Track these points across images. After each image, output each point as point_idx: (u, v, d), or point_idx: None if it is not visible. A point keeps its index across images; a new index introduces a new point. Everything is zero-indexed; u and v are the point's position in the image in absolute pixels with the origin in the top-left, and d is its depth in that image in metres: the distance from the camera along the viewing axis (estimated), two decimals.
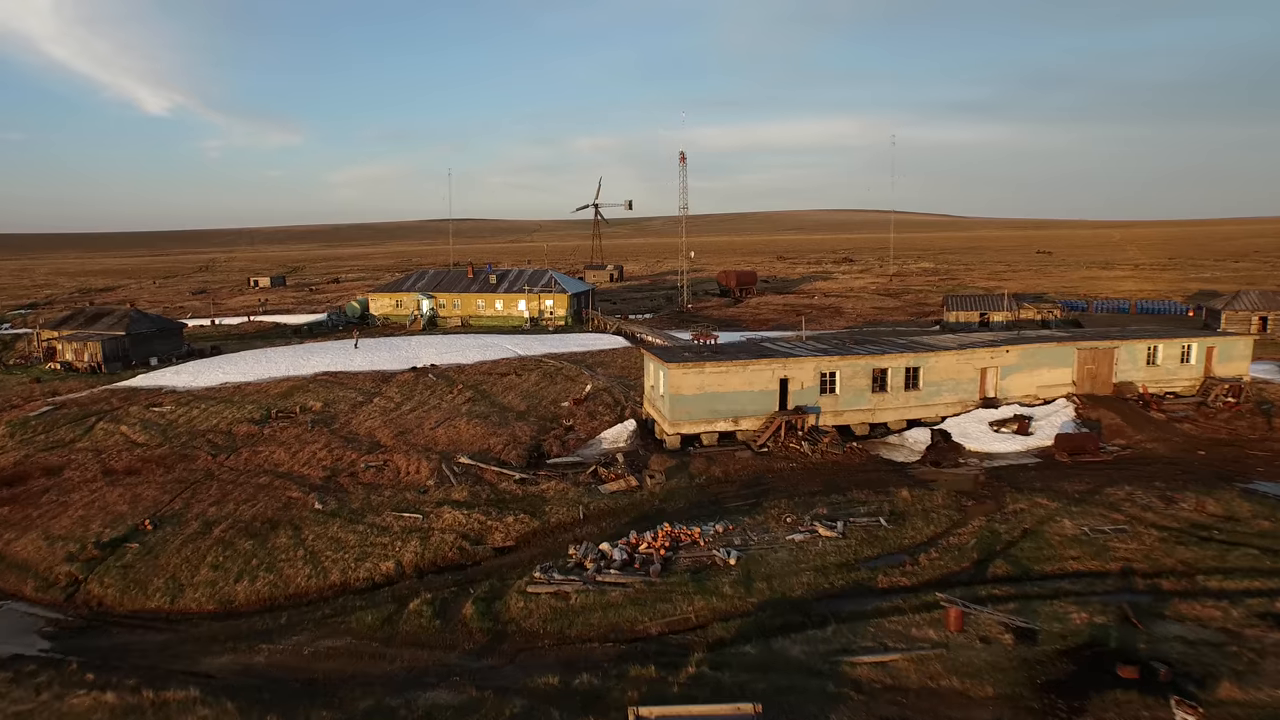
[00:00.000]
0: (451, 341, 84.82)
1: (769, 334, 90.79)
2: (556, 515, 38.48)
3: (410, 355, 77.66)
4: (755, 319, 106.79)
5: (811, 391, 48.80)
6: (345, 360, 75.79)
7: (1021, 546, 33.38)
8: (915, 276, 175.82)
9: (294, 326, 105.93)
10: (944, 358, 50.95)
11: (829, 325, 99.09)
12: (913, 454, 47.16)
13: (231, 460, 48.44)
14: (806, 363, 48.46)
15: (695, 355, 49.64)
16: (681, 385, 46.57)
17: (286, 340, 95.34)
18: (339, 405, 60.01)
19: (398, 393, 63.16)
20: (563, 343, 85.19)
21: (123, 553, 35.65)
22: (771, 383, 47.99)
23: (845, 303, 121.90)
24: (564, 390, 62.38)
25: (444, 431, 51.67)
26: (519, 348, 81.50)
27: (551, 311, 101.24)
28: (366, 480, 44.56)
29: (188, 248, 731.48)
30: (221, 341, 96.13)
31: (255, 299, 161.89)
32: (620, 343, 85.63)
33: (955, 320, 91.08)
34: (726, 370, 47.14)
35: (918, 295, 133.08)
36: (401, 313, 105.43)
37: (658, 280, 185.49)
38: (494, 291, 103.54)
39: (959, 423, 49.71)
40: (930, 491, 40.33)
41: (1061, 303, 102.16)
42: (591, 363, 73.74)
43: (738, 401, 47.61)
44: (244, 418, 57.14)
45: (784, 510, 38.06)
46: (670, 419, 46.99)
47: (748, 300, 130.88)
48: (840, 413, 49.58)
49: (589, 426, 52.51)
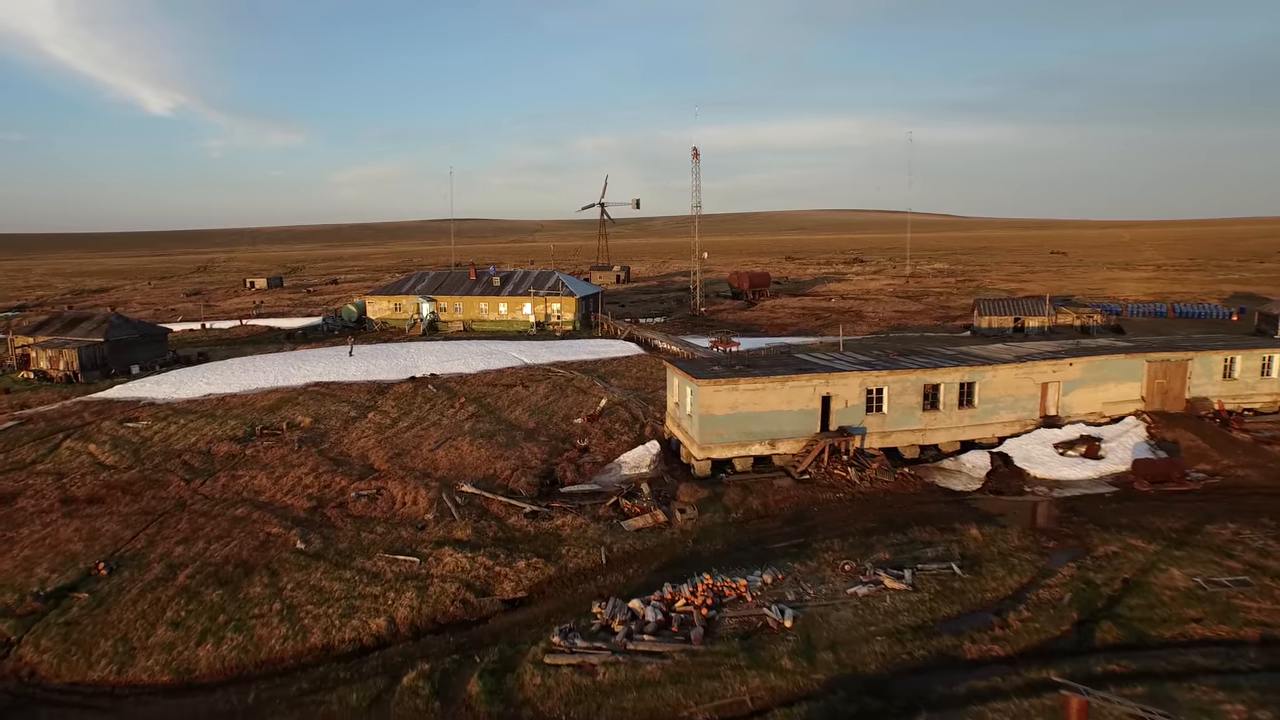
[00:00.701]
0: (453, 348, 79.68)
1: (790, 340, 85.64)
2: (575, 559, 33.29)
3: (409, 363, 72.50)
4: (772, 323, 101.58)
5: (856, 410, 43.63)
6: (339, 369, 70.68)
7: (1128, 604, 28.16)
8: (931, 278, 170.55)
9: (287, 331, 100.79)
10: (1001, 372, 45.77)
11: (851, 330, 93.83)
12: (972, 481, 41.96)
13: (207, 486, 43.28)
14: (851, 378, 43.28)
15: (726, 370, 44.47)
16: (712, 404, 41.41)
17: (279, 346, 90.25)
18: (330, 421, 54.87)
19: (394, 406, 58.01)
20: (571, 350, 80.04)
21: (68, 605, 30.46)
22: (812, 401, 42.83)
23: (865, 306, 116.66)
24: (576, 404, 57.20)
25: (445, 453, 46.49)
26: (525, 355, 76.34)
27: (558, 316, 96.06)
28: (357, 512, 39.38)
29: (189, 248, 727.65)
30: (210, 347, 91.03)
31: (250, 301, 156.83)
32: (633, 350, 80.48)
33: (987, 325, 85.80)
34: (762, 387, 41.98)
35: (938, 298, 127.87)
36: (400, 316, 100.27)
37: (666, 281, 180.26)
38: (497, 294, 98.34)
39: (1020, 445, 44.51)
40: (1003, 529, 35.16)
41: (1099, 306, 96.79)
42: (604, 372, 68.56)
43: (775, 422, 42.45)
44: (225, 435, 52.05)
45: (839, 553, 32.89)
46: (699, 442, 41.82)
47: (761, 303, 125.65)
48: (888, 434, 44.40)
49: (606, 448, 47.32)
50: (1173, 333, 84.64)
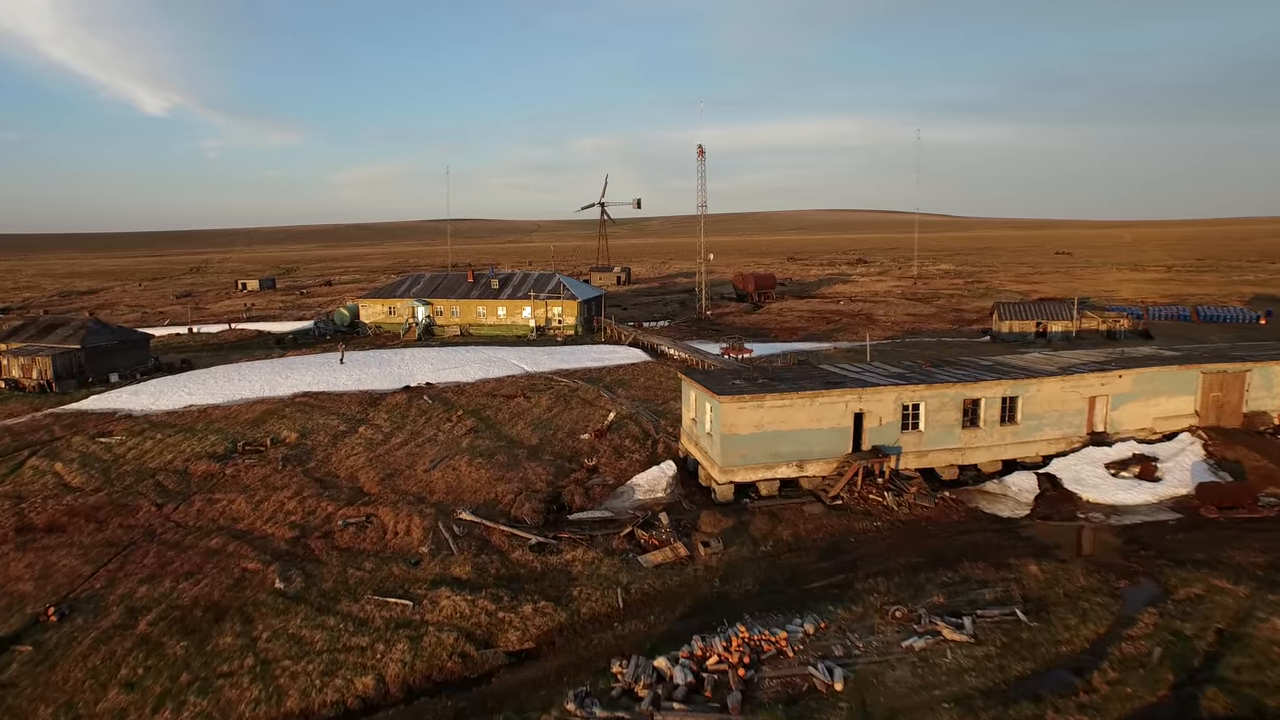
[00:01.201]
0: (449, 355, 75.87)
1: (802, 345, 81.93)
2: (588, 602, 29.51)
3: (403, 372, 68.67)
4: (782, 327, 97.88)
5: (891, 428, 39.92)
6: (329, 378, 66.83)
7: (1231, 663, 24.45)
8: (938, 279, 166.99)
9: (277, 336, 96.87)
10: (1047, 385, 42.10)
11: (864, 335, 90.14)
12: (1019, 506, 38.26)
13: (181, 512, 39.43)
14: (885, 393, 39.57)
15: (748, 384, 40.73)
16: (736, 423, 37.67)
17: (267, 352, 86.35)
18: (318, 436, 51.04)
19: (387, 420, 54.20)
20: (574, 356, 76.26)
21: (7, 662, 26.63)
22: (844, 418, 39.12)
23: (875, 309, 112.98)
24: (582, 418, 53.44)
25: (441, 475, 42.67)
26: (526, 363, 72.56)
27: (560, 320, 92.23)
28: (344, 544, 35.58)
29: (185, 248, 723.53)
30: (195, 353, 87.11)
31: (241, 303, 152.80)
32: (639, 356, 76.71)
33: (1008, 330, 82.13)
34: (791, 404, 38.25)
35: (949, 300, 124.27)
36: (395, 321, 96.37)
37: (668, 283, 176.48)
38: (496, 298, 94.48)
39: (1068, 465, 40.82)
40: (1064, 565, 31.45)
41: (1124, 310, 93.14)
42: (610, 382, 64.78)
43: (803, 442, 38.73)
44: (205, 452, 48.21)
45: (886, 595, 29.17)
46: (721, 464, 38.07)
47: (768, 305, 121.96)
48: (924, 453, 40.70)
49: (616, 468, 43.54)
50: (1203, 338, 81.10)
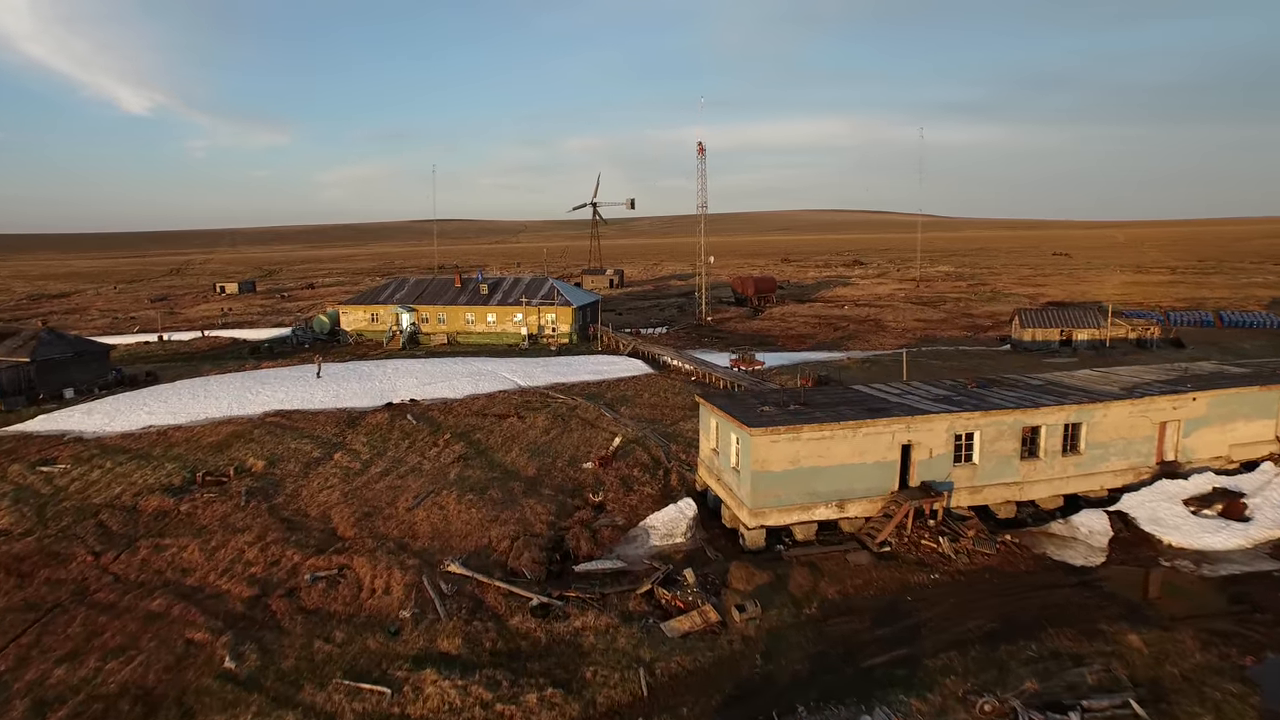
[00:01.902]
0: (436, 367, 70.40)
1: (812, 355, 76.91)
2: (605, 688, 24.26)
3: (385, 386, 63.20)
4: (787, 334, 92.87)
5: (942, 461, 34.90)
6: (305, 393, 61.30)
7: None
8: (940, 281, 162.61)
9: (252, 344, 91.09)
10: (1114, 410, 37.17)
11: (875, 343, 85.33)
12: (1091, 552, 33.28)
13: (122, 562, 33.92)
14: (937, 422, 34.53)
15: (779, 411, 35.58)
16: (769, 459, 32.53)
17: (240, 363, 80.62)
18: (288, 464, 45.55)
19: (366, 444, 48.78)
20: (570, 368, 70.96)
21: None
22: (890, 451, 34.07)
23: (882, 314, 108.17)
24: (583, 441, 48.17)
25: (426, 514, 37.31)
26: (519, 375, 67.20)
27: (553, 327, 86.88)
28: (311, 604, 30.19)
29: (169, 248, 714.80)
30: (162, 364, 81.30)
31: (219, 308, 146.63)
32: (639, 368, 71.46)
33: (1030, 339, 77.38)
34: (830, 436, 33.13)
35: (957, 304, 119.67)
36: (377, 328, 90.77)
37: (661, 286, 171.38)
38: (485, 304, 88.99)
39: (1141, 502, 35.89)
40: (1168, 634, 26.48)
41: (1149, 316, 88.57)
42: (610, 398, 59.51)
43: (844, 478, 33.64)
44: (159, 483, 42.69)
45: (964, 678, 24.08)
46: (752, 505, 32.92)
47: (769, 310, 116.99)
48: (979, 489, 35.71)
49: (626, 504, 38.30)
50: (1235, 345, 76.76)
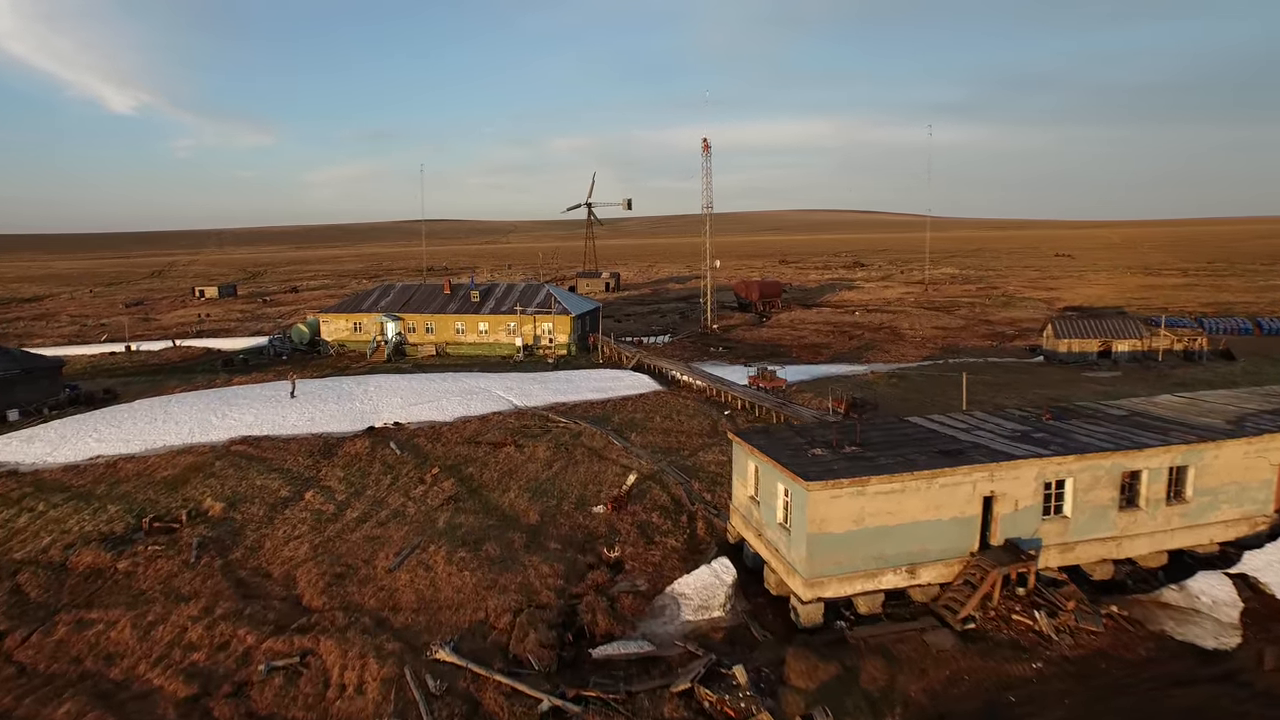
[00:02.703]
0: (423, 384, 64.21)
1: (831, 368, 71.09)
2: None
3: (366, 408, 57.04)
4: (800, 344, 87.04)
5: (1029, 515, 29.11)
6: (277, 415, 55.15)
7: None
8: (948, 285, 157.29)
9: (226, 356, 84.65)
10: (1226, 450, 31.46)
11: (897, 354, 79.62)
12: (1221, 629, 27.48)
13: (33, 645, 27.75)
14: (1025, 469, 28.71)
15: (833, 455, 29.67)
16: (829, 517, 26.65)
17: (210, 377, 74.22)
18: (251, 506, 39.39)
19: (342, 480, 42.66)
20: (570, 384, 64.92)
21: None
22: (970, 504, 28.24)
23: (897, 321, 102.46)
24: (592, 477, 42.16)
25: (410, 578, 31.23)
26: (514, 394, 61.12)
27: (550, 338, 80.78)
28: (264, 706, 24.11)
29: (154, 249, 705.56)
30: (127, 378, 74.86)
31: (196, 313, 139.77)
32: (647, 384, 65.45)
33: (1067, 350, 71.75)
34: (902, 488, 27.28)
35: (972, 310, 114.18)
36: (361, 338, 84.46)
37: (659, 289, 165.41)
38: (477, 312, 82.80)
39: (1269, 562, 30.16)
40: None
41: (1183, 322, 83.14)
42: (618, 422, 53.51)
43: (917, 538, 27.81)
44: (97, 532, 36.54)
45: None
46: (807, 574, 27.02)
47: (776, 316, 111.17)
48: (1070, 546, 29.94)
49: (648, 561, 32.33)
50: None
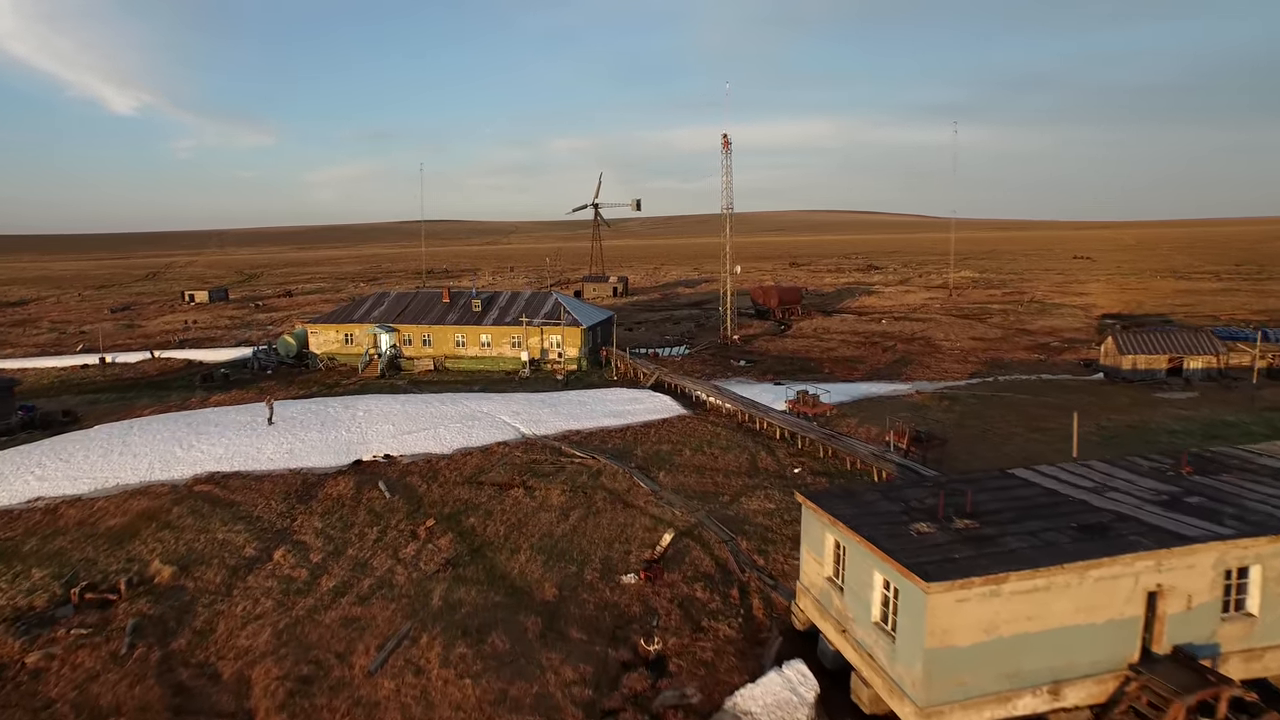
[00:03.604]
0: (418, 407, 57.31)
1: (873, 388, 64.15)
2: None
3: (353, 437, 50.22)
4: (829, 356, 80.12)
5: (1205, 613, 22.28)
6: (251, 446, 48.37)
7: None
8: (971, 290, 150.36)
9: (206, 370, 77.88)
10: None
11: (939, 370, 72.70)
12: None
13: None
14: (1200, 555, 21.87)
15: (945, 532, 22.77)
16: (953, 626, 19.84)
17: (186, 395, 67.40)
18: (207, 571, 32.55)
19: (320, 534, 35.82)
20: (583, 407, 58.03)
21: None
22: (1130, 603, 21.42)
23: (929, 331, 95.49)
24: (617, 531, 35.27)
25: (395, 687, 24.33)
26: (521, 420, 54.26)
27: (559, 351, 73.91)
28: None
29: (155, 249, 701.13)
30: (95, 396, 68.04)
31: (183, 319, 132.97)
32: (668, 406, 58.51)
33: (1131, 367, 64.73)
34: (1047, 585, 20.46)
35: (1005, 319, 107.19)
36: (352, 351, 77.64)
37: (669, 294, 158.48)
38: (479, 323, 75.93)
39: None
40: None
41: (1243, 335, 76.12)
42: (642, 456, 46.58)
43: (1061, 649, 20.98)
44: (13, 606, 29.91)
45: None
46: (924, 699, 20.18)
47: (797, 324, 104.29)
48: (1256, 653, 23.09)
49: (698, 659, 25.43)
50: None
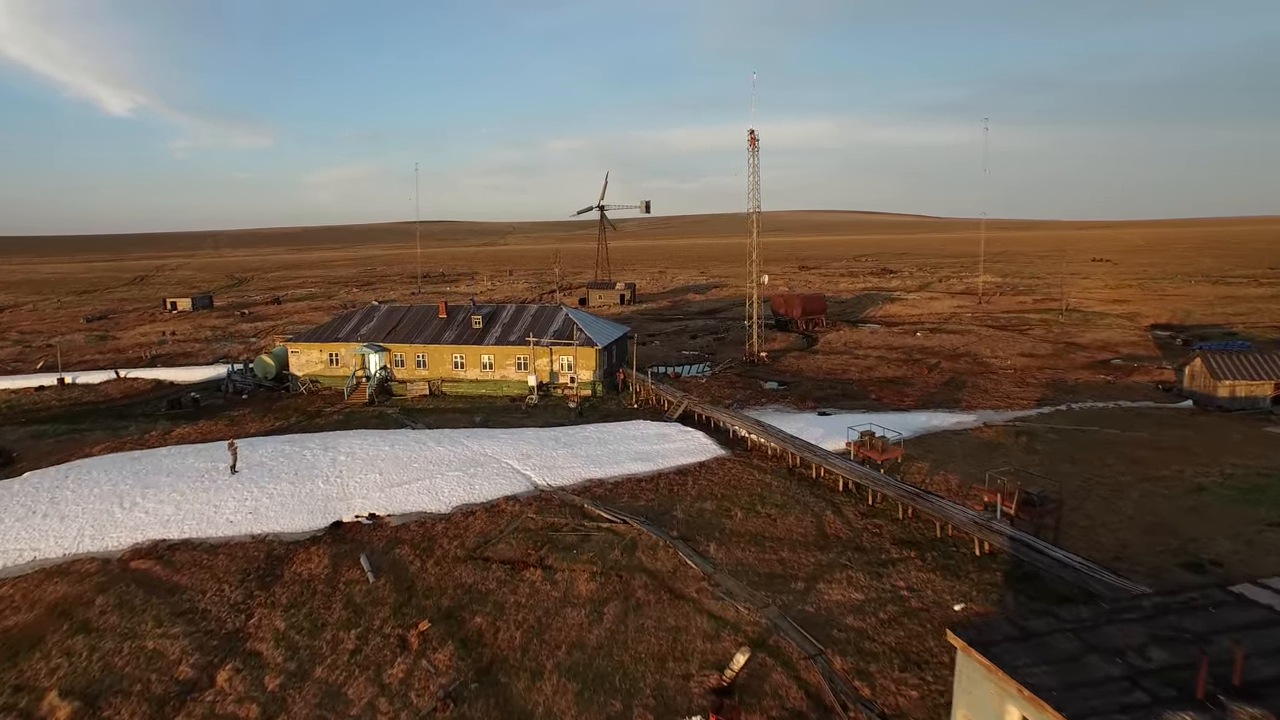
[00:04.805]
0: (411, 450, 48.85)
1: (934, 418, 55.87)
2: None
3: (332, 489, 41.94)
4: (869, 376, 71.91)
5: None
6: (209, 502, 40.15)
7: None
8: (1000, 296, 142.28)
9: (175, 393, 69.55)
10: None
11: (999, 395, 64.47)
12: None
13: None
14: None
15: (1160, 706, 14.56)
16: None
17: (148, 426, 59.06)
18: (123, 705, 24.26)
19: (280, 642, 27.55)
20: (604, 447, 49.70)
21: None
22: None
23: (971, 344, 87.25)
24: (668, 642, 26.98)
25: None
26: (532, 465, 45.96)
27: (571, 375, 65.63)
28: None
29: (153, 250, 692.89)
30: (42, 428, 59.64)
31: (161, 330, 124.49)
32: (702, 445, 50.13)
33: (1228, 395, 56.51)
34: None
35: (1048, 330, 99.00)
36: (338, 373, 69.34)
37: (678, 302, 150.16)
38: (480, 342, 67.63)
39: None
40: None
41: None
42: (684, 518, 38.19)
43: None
44: None
45: None
46: None
47: (823, 336, 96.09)
48: None
49: None
50: None
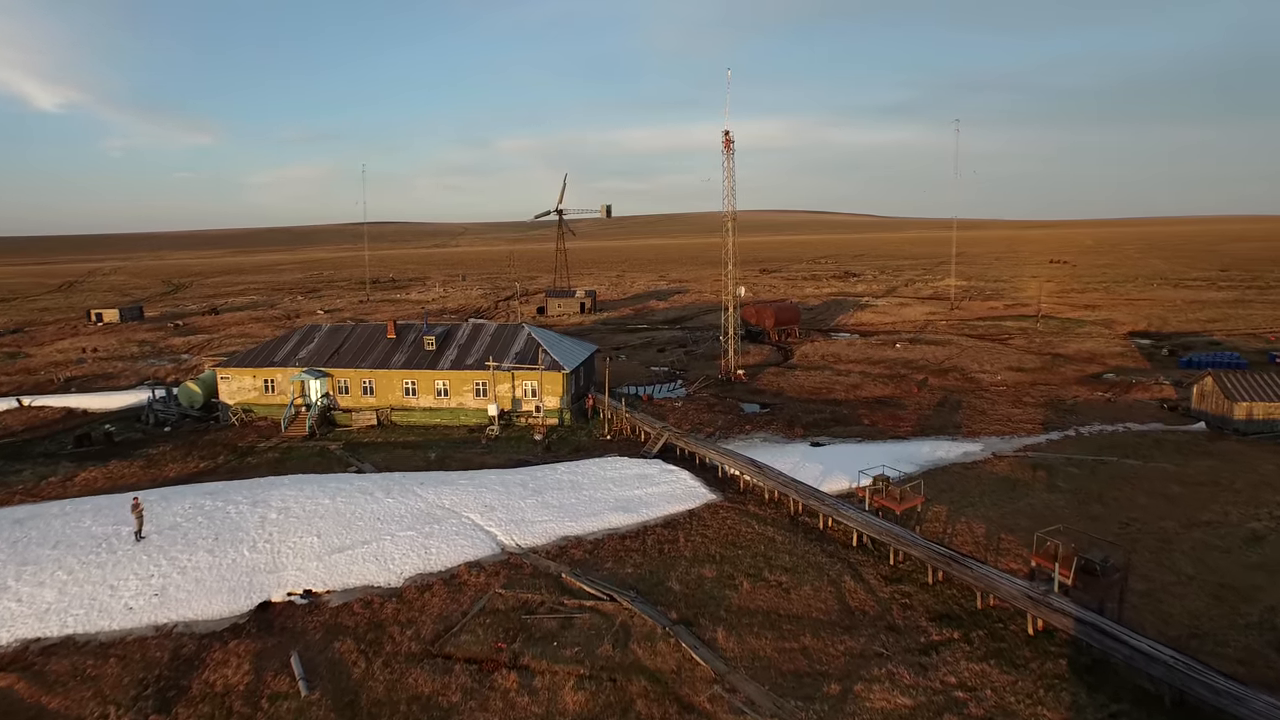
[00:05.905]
0: (357, 504, 42.07)
1: (937, 447, 50.92)
2: None
3: (260, 559, 35.21)
4: (855, 395, 66.84)
5: None
6: (105, 582, 33.27)
7: None
8: (970, 301, 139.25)
9: (87, 425, 61.59)
10: None
11: (998, 418, 59.87)
12: None
13: None
14: None
15: None
16: None
17: (46, 470, 51.29)
18: None
19: None
20: (579, 491, 43.56)
21: None
22: None
23: (954, 357, 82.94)
24: None
25: None
26: (497, 519, 39.65)
27: (537, 402, 59.31)
28: None
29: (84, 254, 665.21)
30: None
31: (81, 346, 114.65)
32: (686, 484, 44.30)
33: (1246, 417, 52.61)
34: None
35: (1029, 340, 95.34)
36: (273, 401, 62.03)
37: (642, 310, 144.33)
38: (434, 366, 60.92)
39: None
40: None
41: None
42: (682, 591, 32.38)
43: None
44: None
45: None
46: None
47: (799, 349, 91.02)
48: None
49: None
50: None
